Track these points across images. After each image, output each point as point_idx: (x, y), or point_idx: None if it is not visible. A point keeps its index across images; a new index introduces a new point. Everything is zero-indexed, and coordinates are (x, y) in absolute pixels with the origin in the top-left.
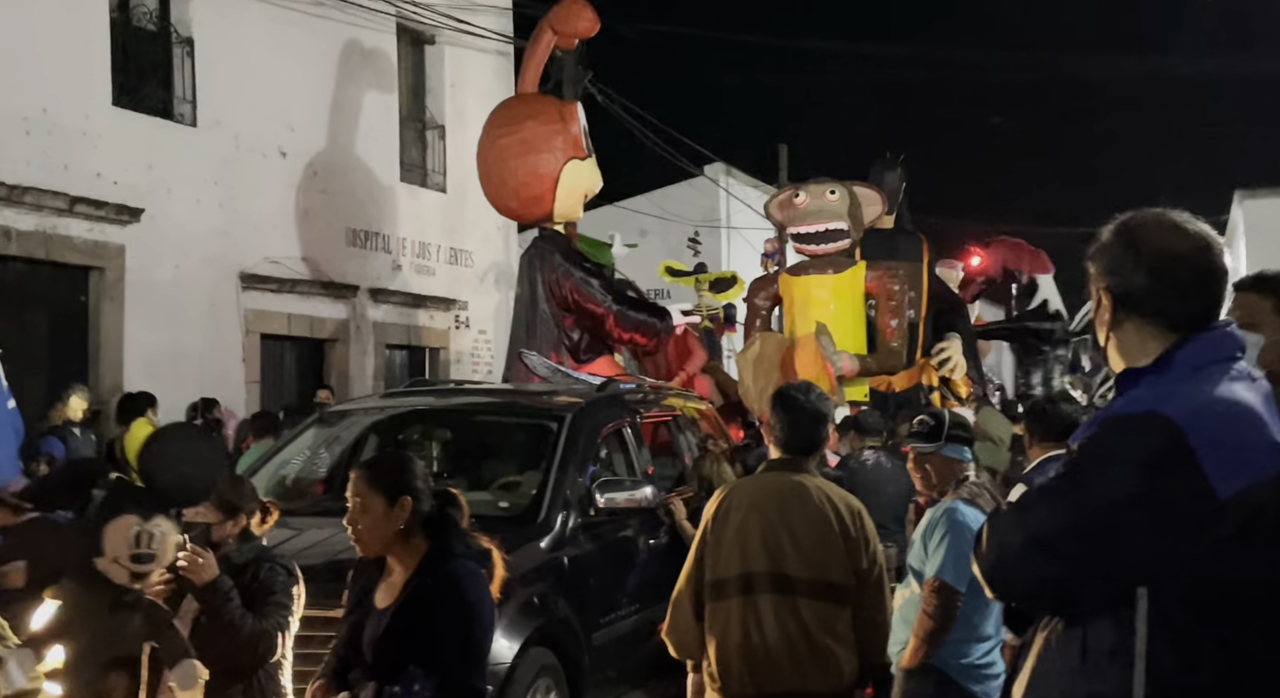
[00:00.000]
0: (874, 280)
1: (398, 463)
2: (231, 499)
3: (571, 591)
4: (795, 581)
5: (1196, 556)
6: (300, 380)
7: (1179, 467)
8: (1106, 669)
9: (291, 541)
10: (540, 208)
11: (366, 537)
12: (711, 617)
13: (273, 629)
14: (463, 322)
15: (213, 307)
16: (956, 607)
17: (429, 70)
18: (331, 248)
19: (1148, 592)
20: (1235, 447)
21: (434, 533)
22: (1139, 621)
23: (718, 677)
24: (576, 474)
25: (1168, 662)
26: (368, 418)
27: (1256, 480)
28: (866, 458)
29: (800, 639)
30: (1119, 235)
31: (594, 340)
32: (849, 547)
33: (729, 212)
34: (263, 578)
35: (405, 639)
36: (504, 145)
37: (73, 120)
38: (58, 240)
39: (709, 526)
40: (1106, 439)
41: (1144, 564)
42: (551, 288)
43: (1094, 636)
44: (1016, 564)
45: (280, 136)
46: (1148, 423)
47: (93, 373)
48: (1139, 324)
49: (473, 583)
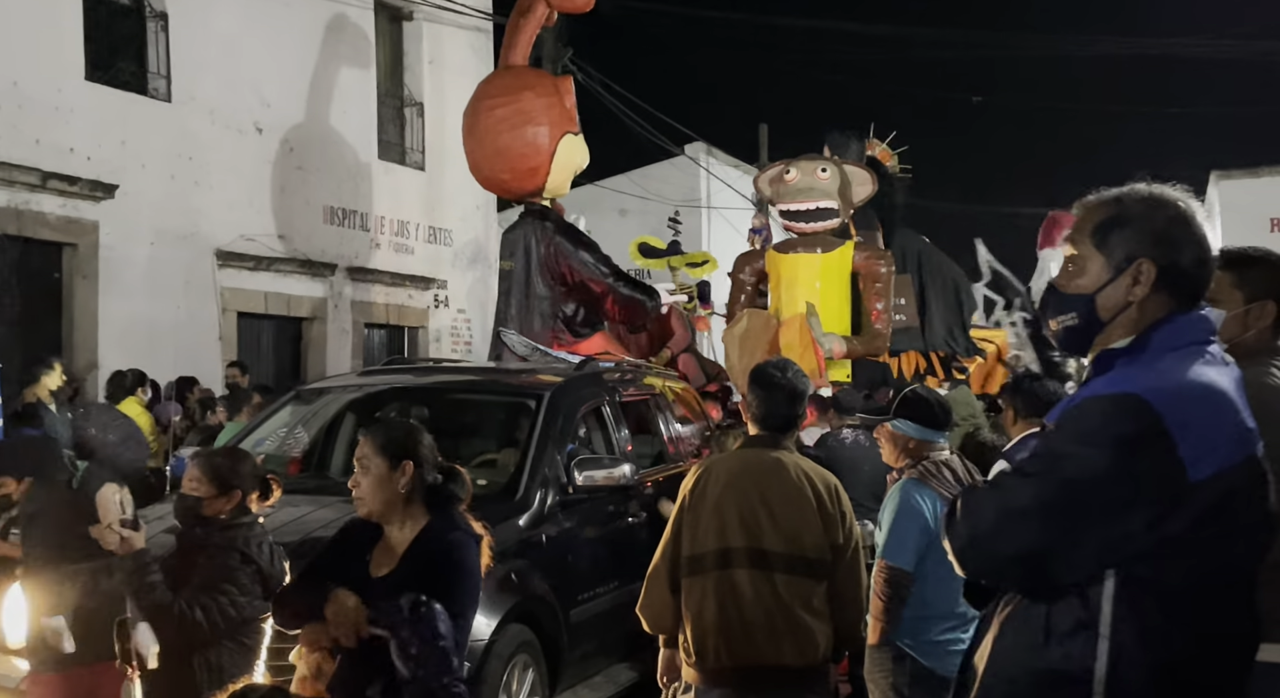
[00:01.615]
0: (861, 261)
1: (404, 429)
2: (225, 474)
3: (549, 568)
4: (772, 556)
5: (1165, 537)
6: (278, 359)
7: (1153, 448)
8: (1069, 646)
9: (266, 518)
10: (534, 180)
11: (366, 496)
12: (688, 592)
13: (198, 615)
14: (441, 300)
15: (188, 284)
16: (904, 586)
17: (407, 47)
18: (309, 225)
19: (1115, 572)
20: (1208, 431)
21: (435, 505)
22: (1105, 599)
23: (693, 651)
24: (555, 452)
25: (1131, 641)
26: (345, 396)
27: (1227, 465)
28: (845, 436)
29: (777, 613)
30: (1164, 207)
31: (588, 316)
32: (826, 522)
33: (709, 191)
34: (200, 563)
35: None
36: (500, 116)
37: (45, 94)
38: (30, 216)
39: (686, 501)
40: (1083, 419)
41: (1114, 544)
42: (548, 264)
43: (1058, 612)
44: (989, 540)
45: (256, 112)
46: (1125, 404)
47: (66, 350)
48: (1163, 299)
49: (470, 553)
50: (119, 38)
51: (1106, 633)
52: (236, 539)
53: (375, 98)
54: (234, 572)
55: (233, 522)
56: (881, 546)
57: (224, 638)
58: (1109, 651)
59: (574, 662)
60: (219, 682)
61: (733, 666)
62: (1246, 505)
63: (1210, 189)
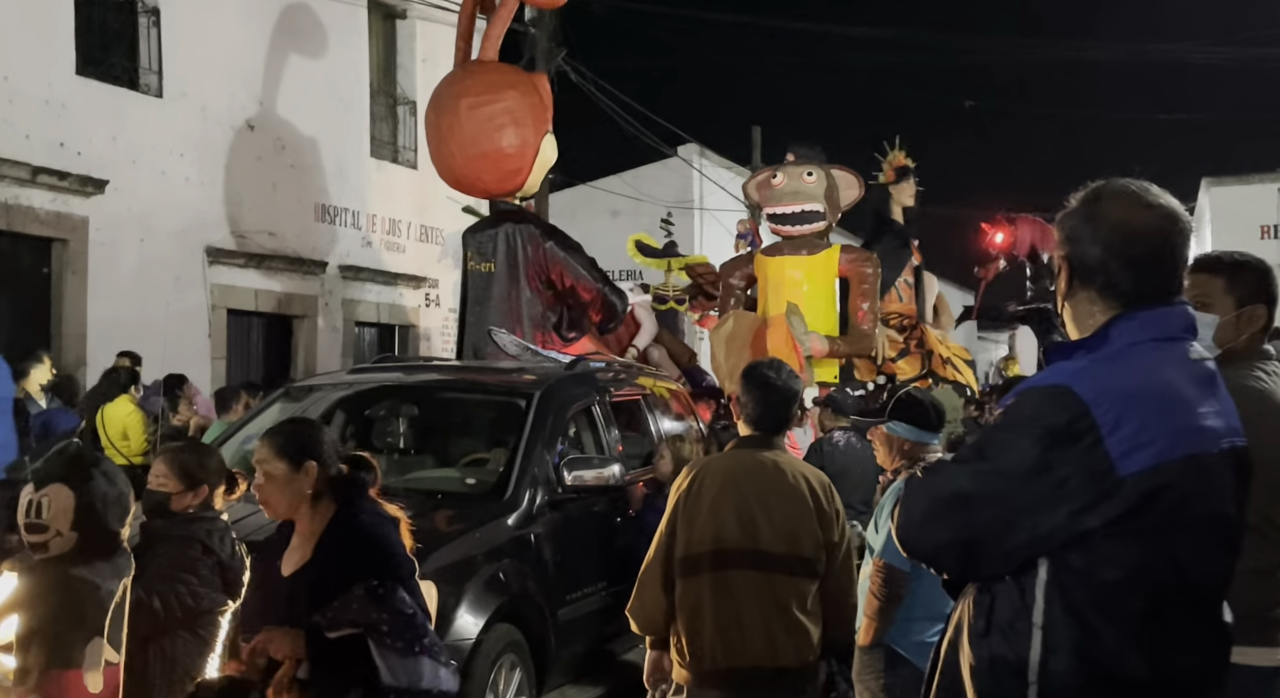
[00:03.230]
0: (847, 263)
1: (301, 429)
2: (192, 469)
3: (538, 567)
4: (770, 556)
5: (1094, 530)
6: (268, 357)
7: (1080, 441)
8: (1008, 635)
9: (250, 517)
10: (515, 181)
11: (272, 500)
12: (683, 592)
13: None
14: (432, 300)
15: (178, 281)
16: (901, 586)
17: (400, 45)
18: (300, 223)
19: (1049, 562)
20: (1142, 426)
21: (343, 496)
22: (1038, 590)
23: (687, 653)
24: (544, 452)
25: (1064, 631)
26: (335, 393)
27: (1161, 461)
28: (838, 440)
29: (774, 614)
30: (1083, 205)
31: (573, 320)
32: (821, 522)
33: (702, 193)
34: (161, 553)
35: (315, 591)
36: (485, 114)
37: (35, 88)
38: (19, 211)
39: (680, 503)
40: (1017, 410)
41: (1041, 535)
42: (537, 267)
43: (999, 603)
44: (920, 525)
45: (248, 109)
46: (1055, 396)
47: (55, 346)
48: (1091, 296)
49: (384, 530)
50: (110, 33)
51: (1040, 622)
52: (199, 532)
53: (368, 95)
54: (194, 562)
55: (197, 515)
56: (879, 546)
57: (180, 628)
58: (1041, 640)
59: (561, 661)
60: (171, 671)
61: (729, 667)
62: (1187, 504)
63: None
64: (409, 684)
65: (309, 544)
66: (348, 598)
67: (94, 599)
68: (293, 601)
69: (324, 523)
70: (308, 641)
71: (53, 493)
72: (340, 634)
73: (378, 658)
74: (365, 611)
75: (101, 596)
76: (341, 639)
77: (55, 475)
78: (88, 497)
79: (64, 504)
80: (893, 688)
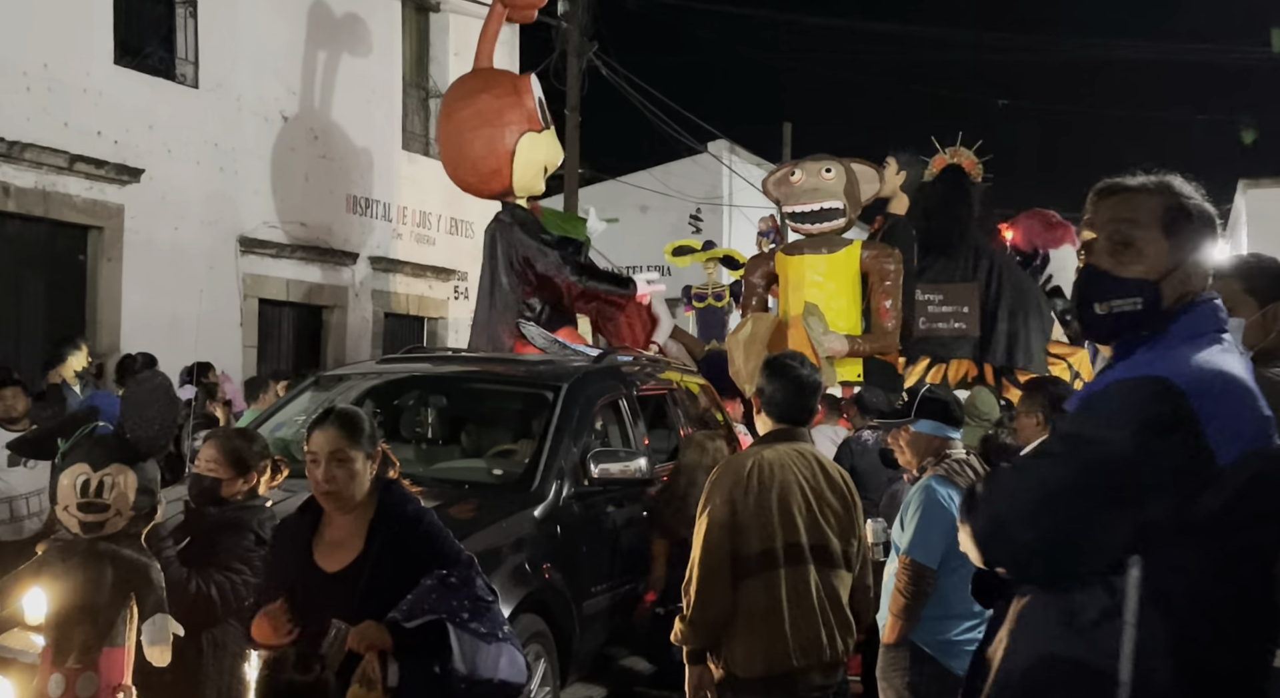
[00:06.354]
0: (869, 260)
1: (368, 418)
2: (244, 455)
3: (563, 559)
4: (832, 551)
5: (1193, 522)
6: (298, 346)
7: (1181, 431)
8: (1092, 636)
9: (286, 502)
10: (499, 181)
11: (348, 491)
12: (751, 591)
13: (214, 592)
14: (461, 292)
15: (211, 270)
16: (928, 583)
17: (433, 38)
18: (331, 214)
19: (1141, 558)
20: (1233, 415)
21: (381, 485)
22: (1130, 587)
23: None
24: (571, 444)
25: (1159, 629)
26: (364, 383)
27: (1252, 450)
28: (866, 439)
29: (834, 609)
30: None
31: (555, 312)
32: (854, 516)
33: (732, 189)
34: (218, 543)
35: (374, 586)
36: (460, 119)
37: (73, 77)
38: (56, 198)
39: (738, 498)
40: (1110, 402)
41: (1141, 529)
42: (511, 260)
43: (1081, 601)
44: (1012, 524)
45: (282, 100)
46: (1152, 387)
47: (89, 332)
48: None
49: (433, 516)
50: (148, 23)
51: (1133, 621)
52: (251, 521)
53: (400, 88)
54: (249, 553)
55: (247, 503)
56: (906, 542)
57: (230, 617)
58: (1135, 639)
59: (585, 653)
60: (222, 660)
61: (805, 665)
62: (1271, 492)
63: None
64: (488, 675)
65: (354, 541)
66: (423, 590)
67: (146, 578)
68: (342, 599)
69: (368, 515)
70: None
71: (116, 473)
72: (416, 624)
73: (455, 646)
74: (445, 599)
75: (153, 575)
76: (417, 631)
77: (115, 456)
78: (144, 478)
79: (129, 485)
80: (917, 686)
